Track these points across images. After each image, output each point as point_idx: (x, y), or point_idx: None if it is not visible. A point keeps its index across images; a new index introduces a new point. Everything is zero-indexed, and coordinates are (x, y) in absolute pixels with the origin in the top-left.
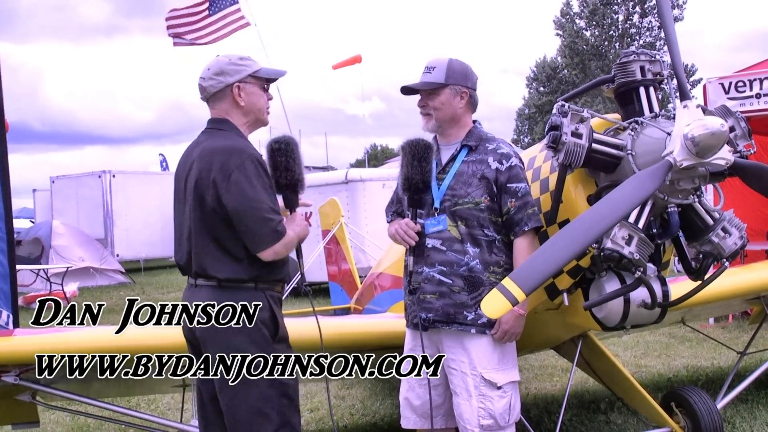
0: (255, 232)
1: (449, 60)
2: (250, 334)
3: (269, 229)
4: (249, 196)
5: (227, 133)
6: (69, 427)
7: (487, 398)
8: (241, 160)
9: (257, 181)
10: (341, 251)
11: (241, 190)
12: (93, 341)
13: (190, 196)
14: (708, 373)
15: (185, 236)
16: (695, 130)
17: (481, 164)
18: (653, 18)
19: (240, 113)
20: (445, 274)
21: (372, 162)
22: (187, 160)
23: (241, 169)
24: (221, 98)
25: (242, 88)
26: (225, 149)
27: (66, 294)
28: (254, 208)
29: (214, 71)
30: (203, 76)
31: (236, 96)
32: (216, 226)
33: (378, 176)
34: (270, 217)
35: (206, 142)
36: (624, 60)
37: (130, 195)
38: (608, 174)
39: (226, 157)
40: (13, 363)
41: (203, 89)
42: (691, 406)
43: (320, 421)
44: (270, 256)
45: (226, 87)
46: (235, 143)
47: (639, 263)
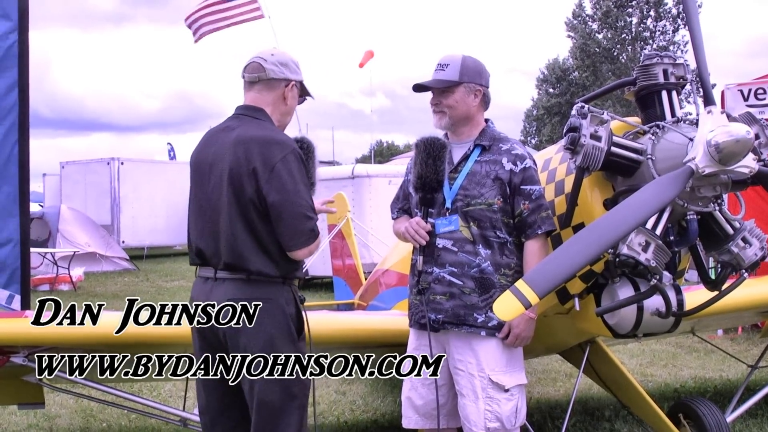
0: (293, 229)
1: (463, 57)
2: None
3: (307, 227)
4: (290, 191)
5: (264, 122)
6: (73, 409)
7: (494, 401)
8: (285, 153)
9: (299, 177)
10: (346, 246)
11: (283, 183)
12: (102, 325)
13: (224, 185)
14: (716, 385)
15: (214, 225)
16: (719, 137)
17: (494, 165)
18: (667, 21)
19: (280, 111)
20: (455, 275)
21: (378, 158)
22: (216, 144)
23: (284, 162)
24: (272, 88)
25: (292, 89)
26: (266, 139)
27: (72, 278)
28: (295, 204)
29: (279, 60)
30: (264, 57)
31: (286, 93)
32: (253, 218)
33: (384, 173)
34: (309, 216)
35: (241, 128)
36: (647, 62)
37: (137, 183)
38: (626, 178)
39: (267, 147)
40: (22, 344)
41: (261, 69)
42: (700, 418)
43: (320, 415)
44: (304, 255)
45: (284, 80)
46: (276, 134)
47: (655, 270)
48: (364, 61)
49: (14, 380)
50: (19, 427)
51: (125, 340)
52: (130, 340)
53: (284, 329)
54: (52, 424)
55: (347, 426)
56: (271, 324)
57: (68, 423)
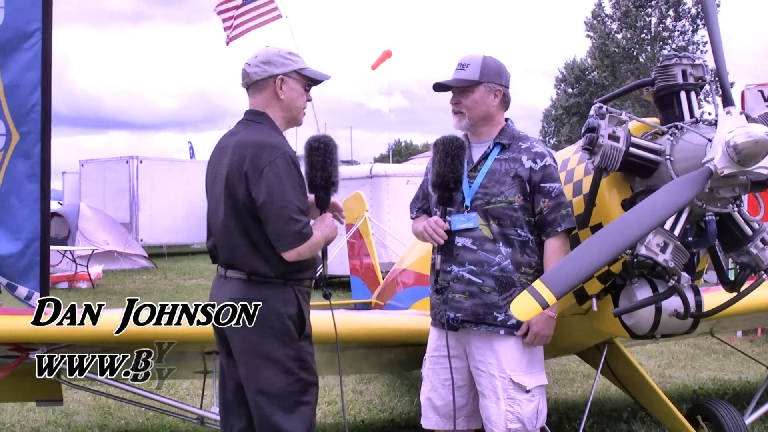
0: (279, 231)
1: (483, 57)
2: (276, 331)
3: (294, 230)
4: (277, 194)
5: (263, 126)
6: (90, 406)
7: (515, 402)
8: (274, 157)
9: (287, 179)
10: (364, 246)
11: (270, 186)
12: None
13: (222, 187)
14: (735, 387)
15: (217, 226)
16: (738, 138)
17: (514, 162)
18: (687, 21)
19: (278, 107)
20: (475, 273)
21: (396, 158)
22: (222, 150)
23: (272, 166)
24: (262, 88)
25: (285, 81)
26: (259, 143)
27: (91, 276)
28: (281, 207)
29: (261, 59)
30: (249, 62)
31: (277, 88)
32: (246, 220)
33: (402, 172)
34: (296, 218)
35: (242, 133)
36: (665, 63)
37: (156, 181)
38: (644, 179)
39: (259, 151)
40: (41, 341)
41: (246, 75)
42: (719, 420)
43: (337, 414)
44: (293, 257)
45: (270, 77)
46: (270, 138)
47: (674, 271)
48: (378, 62)
49: (33, 377)
50: (37, 423)
51: (145, 337)
52: (149, 337)
53: (277, 330)
54: (70, 421)
55: (364, 425)
56: (261, 325)
57: (86, 420)
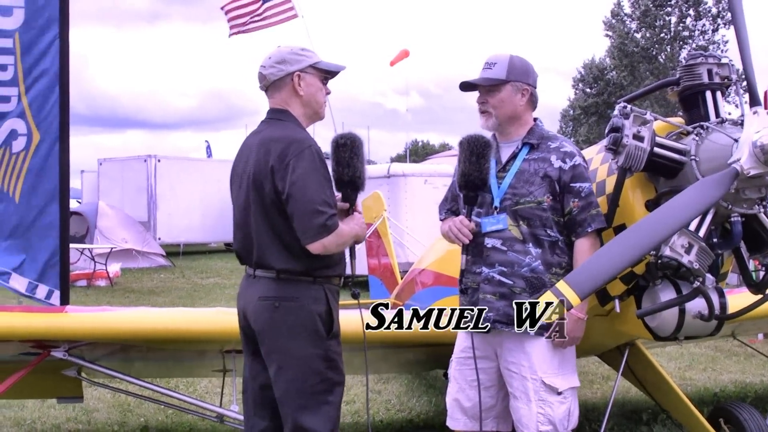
0: (304, 222)
1: (510, 56)
2: (307, 329)
3: (319, 222)
4: (302, 186)
5: (286, 123)
6: (110, 403)
7: (546, 404)
8: (300, 150)
9: (313, 172)
10: (382, 245)
11: (296, 179)
12: (141, 321)
13: (249, 185)
14: (757, 390)
15: (245, 226)
16: (765, 138)
17: (543, 162)
18: (707, 21)
19: (299, 103)
20: (505, 274)
21: (413, 157)
22: (247, 149)
23: (298, 158)
24: (281, 87)
25: (302, 77)
26: (284, 138)
27: (109, 274)
28: (306, 198)
29: (276, 60)
30: (264, 64)
31: (296, 85)
32: (274, 216)
33: (420, 172)
34: (321, 210)
35: (266, 131)
36: (691, 62)
37: (173, 180)
38: (669, 179)
39: (284, 145)
40: (63, 339)
41: (263, 77)
42: (741, 423)
43: (356, 414)
44: (318, 249)
45: (287, 75)
46: (294, 133)
47: (698, 273)
48: (396, 60)
49: (54, 374)
50: (58, 420)
51: (163, 336)
52: (168, 336)
53: (307, 328)
54: (90, 418)
55: (382, 425)
56: (292, 323)
57: (106, 417)
